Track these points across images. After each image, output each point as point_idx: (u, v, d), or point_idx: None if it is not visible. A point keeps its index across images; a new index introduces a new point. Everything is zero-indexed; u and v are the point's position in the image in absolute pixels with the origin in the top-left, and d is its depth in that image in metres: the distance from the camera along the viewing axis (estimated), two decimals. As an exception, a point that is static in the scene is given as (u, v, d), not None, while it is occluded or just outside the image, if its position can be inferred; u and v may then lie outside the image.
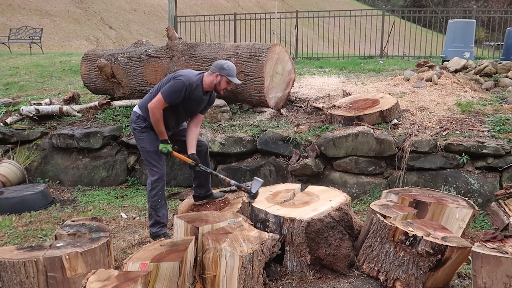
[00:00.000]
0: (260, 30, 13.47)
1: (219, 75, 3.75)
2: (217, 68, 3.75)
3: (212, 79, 3.77)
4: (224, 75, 3.74)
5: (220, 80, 3.76)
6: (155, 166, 3.80)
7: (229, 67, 3.76)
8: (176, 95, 3.66)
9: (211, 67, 3.79)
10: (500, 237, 2.89)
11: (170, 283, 2.83)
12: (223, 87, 3.81)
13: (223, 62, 3.79)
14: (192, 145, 3.95)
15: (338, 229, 3.34)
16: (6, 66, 10.61)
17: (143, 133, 3.82)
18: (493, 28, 14.60)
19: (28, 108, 6.41)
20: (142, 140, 3.83)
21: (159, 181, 3.80)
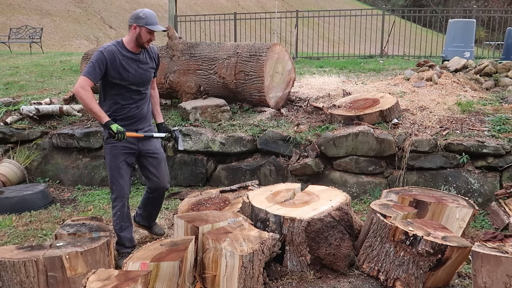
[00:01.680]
0: (260, 29, 13.47)
1: (137, 27, 3.31)
2: (133, 19, 3.33)
3: (132, 33, 3.34)
4: (142, 25, 3.30)
5: (139, 31, 3.31)
6: (113, 183, 3.48)
7: (146, 14, 3.32)
8: (96, 65, 3.24)
9: (128, 21, 3.41)
10: (500, 237, 2.89)
11: (170, 283, 2.83)
12: (146, 39, 3.35)
13: (138, 11, 3.36)
14: (157, 112, 3.75)
15: (338, 229, 3.34)
16: (6, 66, 10.61)
17: (107, 145, 3.47)
18: (493, 28, 14.60)
19: (28, 107, 6.40)
20: (105, 153, 3.51)
21: (118, 201, 3.49)
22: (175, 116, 6.15)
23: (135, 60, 3.41)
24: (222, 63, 5.94)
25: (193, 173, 5.63)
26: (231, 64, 5.87)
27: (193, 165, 5.63)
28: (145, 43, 3.37)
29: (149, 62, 3.51)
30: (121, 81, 3.36)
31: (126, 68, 3.36)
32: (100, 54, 3.26)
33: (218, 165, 5.65)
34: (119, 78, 3.34)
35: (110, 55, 3.29)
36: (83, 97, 3.21)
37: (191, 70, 6.17)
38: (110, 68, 3.30)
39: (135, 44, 3.37)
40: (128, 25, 3.37)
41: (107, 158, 3.47)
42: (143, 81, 3.49)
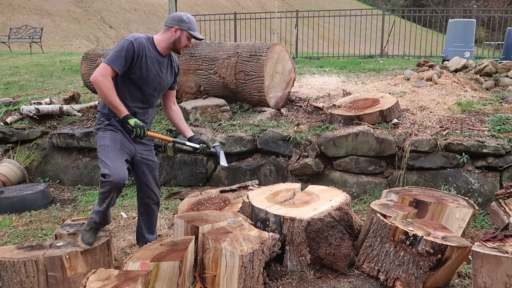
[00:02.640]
0: (260, 29, 13.46)
1: (178, 30, 3.07)
2: (175, 21, 3.08)
3: (170, 35, 3.09)
4: (185, 29, 3.08)
5: (180, 35, 3.08)
6: (106, 163, 2.97)
7: (190, 19, 3.11)
8: (122, 54, 2.94)
9: (167, 22, 3.13)
10: (500, 237, 2.88)
11: (170, 283, 2.83)
12: (184, 44, 3.13)
13: (181, 14, 3.12)
14: (185, 126, 3.46)
15: (338, 229, 3.34)
16: (6, 66, 10.61)
17: (106, 132, 3.09)
18: (493, 28, 14.60)
19: (28, 107, 6.40)
20: (103, 139, 3.07)
21: (105, 184, 2.95)
22: (175, 116, 6.14)
23: (159, 62, 3.16)
24: (222, 63, 5.94)
25: (193, 173, 5.63)
26: (231, 64, 5.87)
27: (193, 165, 5.63)
28: (182, 49, 3.16)
29: (170, 70, 3.29)
30: (139, 79, 3.09)
31: (149, 67, 3.10)
32: (130, 44, 2.96)
33: (218, 165, 5.65)
34: (138, 75, 3.08)
35: (139, 48, 3.01)
36: (102, 86, 2.91)
37: (191, 70, 6.17)
38: (135, 62, 3.02)
39: (168, 47, 3.14)
40: (166, 26, 3.10)
41: (103, 141, 3.04)
42: (160, 87, 3.24)
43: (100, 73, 2.91)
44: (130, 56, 2.98)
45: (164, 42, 3.11)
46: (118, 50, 2.94)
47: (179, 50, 3.15)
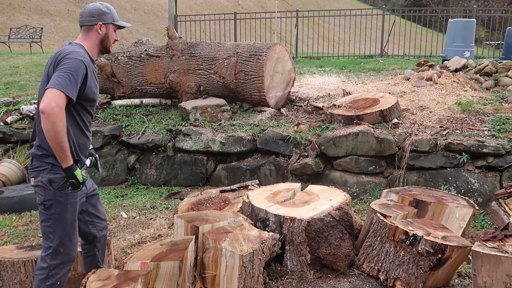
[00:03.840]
0: (260, 29, 13.46)
1: (103, 25, 2.53)
2: (96, 16, 2.50)
3: (95, 35, 2.53)
4: (110, 22, 2.55)
5: (106, 31, 2.55)
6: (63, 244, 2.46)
7: (109, 8, 2.58)
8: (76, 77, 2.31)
9: (85, 19, 2.51)
10: (500, 237, 2.88)
11: (170, 283, 2.83)
12: (113, 40, 2.61)
13: (98, 5, 2.55)
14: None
15: (338, 229, 3.34)
16: (6, 66, 10.61)
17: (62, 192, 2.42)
18: (493, 28, 14.59)
19: (28, 107, 6.40)
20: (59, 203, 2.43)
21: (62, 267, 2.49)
22: (175, 116, 6.15)
23: (95, 72, 2.60)
24: (222, 63, 5.94)
25: (193, 173, 5.63)
26: (231, 64, 5.87)
27: (193, 165, 5.63)
28: (111, 46, 2.63)
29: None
30: (90, 101, 2.53)
31: (95, 84, 2.56)
32: (80, 64, 2.35)
33: (218, 165, 5.65)
34: (90, 96, 2.50)
35: (88, 66, 2.42)
36: (58, 121, 2.22)
37: (191, 70, 6.17)
38: (86, 84, 2.42)
39: (98, 50, 2.58)
40: (86, 25, 2.52)
41: (60, 209, 2.42)
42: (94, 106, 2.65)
43: (57, 102, 2.21)
44: (83, 79, 2.37)
45: (94, 47, 2.55)
46: (72, 73, 2.29)
47: (108, 48, 2.62)
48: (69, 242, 2.49)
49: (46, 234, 2.45)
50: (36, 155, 2.41)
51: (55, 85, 2.24)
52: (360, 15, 12.57)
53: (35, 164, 2.43)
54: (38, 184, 2.42)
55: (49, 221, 2.44)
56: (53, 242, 2.45)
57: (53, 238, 2.44)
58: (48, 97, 2.22)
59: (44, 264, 2.45)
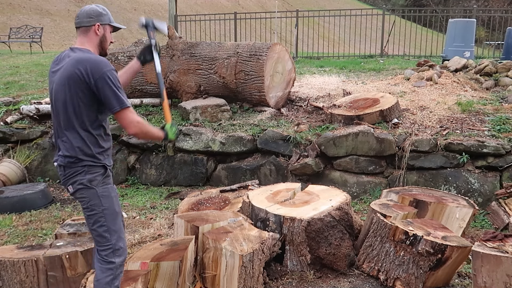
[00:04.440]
0: (260, 29, 13.46)
1: (100, 26, 2.51)
2: (94, 17, 2.49)
3: (93, 36, 2.50)
4: (107, 23, 2.56)
5: (104, 32, 2.54)
6: (121, 239, 2.46)
7: (105, 9, 2.61)
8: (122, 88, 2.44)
9: (83, 20, 2.49)
10: (500, 237, 2.89)
11: (170, 282, 2.83)
12: (109, 41, 2.60)
13: (95, 6, 2.56)
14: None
15: (338, 229, 3.34)
16: (6, 65, 10.61)
17: (106, 186, 2.44)
18: (493, 28, 14.59)
19: (28, 107, 6.40)
20: (106, 198, 2.42)
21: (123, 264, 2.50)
22: (175, 116, 6.15)
23: None
24: (222, 63, 5.94)
25: (193, 173, 5.63)
26: (231, 64, 5.87)
27: (193, 165, 5.63)
28: (108, 48, 2.62)
29: None
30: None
31: None
32: (115, 73, 2.42)
33: (218, 165, 5.65)
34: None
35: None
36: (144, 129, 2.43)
37: (191, 69, 6.17)
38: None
39: (98, 52, 2.54)
40: (84, 26, 2.49)
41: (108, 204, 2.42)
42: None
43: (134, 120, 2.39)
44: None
45: (95, 49, 2.52)
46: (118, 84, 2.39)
47: (106, 50, 2.61)
48: (124, 236, 2.50)
49: (101, 235, 2.40)
50: (67, 163, 2.40)
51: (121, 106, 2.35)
52: (360, 15, 12.57)
53: (69, 172, 2.40)
54: (79, 187, 2.39)
55: (101, 219, 2.40)
56: (111, 240, 2.40)
57: (110, 237, 2.40)
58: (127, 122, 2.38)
59: (109, 265, 2.39)
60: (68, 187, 2.43)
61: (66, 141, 2.39)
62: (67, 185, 2.43)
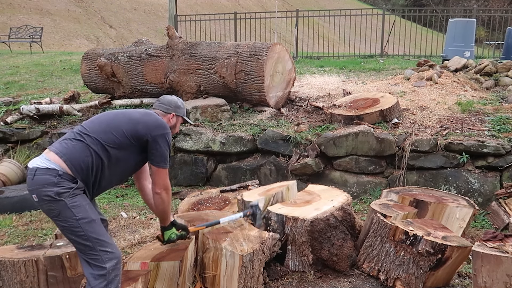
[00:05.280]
0: (260, 29, 13.46)
1: (175, 116, 2.85)
2: (172, 107, 2.84)
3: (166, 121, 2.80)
4: (181, 115, 2.90)
5: (176, 122, 2.88)
6: (107, 244, 2.44)
7: (183, 104, 2.96)
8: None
9: (162, 106, 2.84)
10: (500, 237, 2.88)
11: (170, 282, 2.83)
12: (177, 131, 2.98)
13: (176, 99, 2.91)
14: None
15: (340, 229, 3.33)
16: (6, 65, 10.61)
17: (75, 197, 2.39)
18: (493, 27, 14.58)
19: (28, 107, 6.40)
20: (77, 208, 2.38)
21: (118, 266, 2.46)
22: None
23: None
24: (222, 63, 5.94)
25: (193, 173, 5.63)
26: (231, 64, 5.87)
27: (193, 165, 5.63)
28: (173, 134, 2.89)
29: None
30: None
31: None
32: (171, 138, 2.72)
33: (218, 165, 5.65)
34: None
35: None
36: (167, 200, 2.70)
37: (191, 69, 6.17)
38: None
39: None
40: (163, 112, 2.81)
41: (82, 213, 2.38)
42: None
43: (165, 185, 2.64)
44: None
45: None
46: (168, 147, 2.66)
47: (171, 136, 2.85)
48: (109, 240, 2.48)
49: (83, 244, 2.39)
50: (45, 170, 2.43)
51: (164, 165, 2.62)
52: (360, 15, 12.56)
53: (39, 178, 2.39)
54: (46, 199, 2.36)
55: (78, 229, 2.38)
56: (95, 248, 2.39)
57: (92, 245, 2.39)
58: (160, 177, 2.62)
59: (101, 271, 2.38)
60: (32, 195, 2.40)
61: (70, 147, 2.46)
62: (31, 193, 2.40)
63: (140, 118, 2.62)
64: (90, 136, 2.49)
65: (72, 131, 2.56)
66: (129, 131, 2.54)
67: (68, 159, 2.42)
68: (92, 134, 2.50)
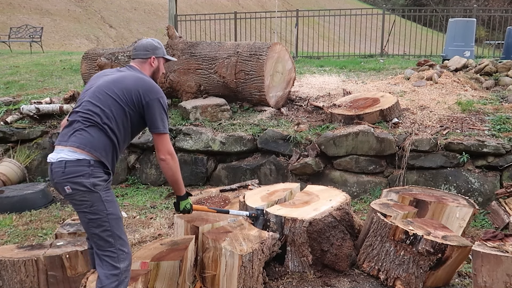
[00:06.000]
0: (260, 29, 13.46)
1: (155, 58, 2.76)
2: (149, 50, 2.73)
3: (148, 68, 2.76)
4: (161, 56, 2.80)
5: (158, 64, 2.80)
6: (125, 244, 2.45)
7: (160, 43, 2.84)
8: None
9: (139, 53, 2.74)
10: (500, 236, 2.88)
11: (170, 282, 2.83)
12: (162, 72, 2.87)
13: (151, 40, 2.80)
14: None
15: (339, 229, 3.33)
16: (6, 65, 10.61)
17: (108, 191, 2.43)
18: (493, 27, 14.58)
19: (28, 107, 6.40)
20: (109, 203, 2.40)
21: (129, 268, 2.47)
22: (175, 116, 6.15)
23: None
24: (222, 63, 5.94)
25: (193, 172, 5.63)
26: (231, 64, 5.87)
27: (193, 165, 5.63)
28: (159, 78, 2.85)
29: None
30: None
31: None
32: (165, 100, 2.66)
33: (218, 164, 5.65)
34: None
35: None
36: (174, 166, 2.67)
37: (191, 69, 6.17)
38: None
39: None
40: (141, 58, 2.74)
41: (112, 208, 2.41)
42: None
43: (169, 150, 2.61)
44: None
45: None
46: (165, 111, 2.61)
47: (157, 80, 2.83)
48: (127, 240, 2.47)
49: (105, 240, 2.37)
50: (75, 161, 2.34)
51: (164, 130, 2.58)
52: (360, 15, 12.56)
53: (71, 170, 2.33)
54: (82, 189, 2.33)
55: (105, 224, 2.36)
56: (115, 245, 2.39)
57: (113, 242, 2.38)
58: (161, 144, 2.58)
59: (114, 271, 2.36)
60: (65, 187, 2.34)
61: (87, 136, 2.38)
62: (63, 185, 2.34)
63: (133, 86, 2.53)
64: (97, 117, 2.42)
65: (77, 118, 2.45)
66: (125, 102, 2.49)
67: (92, 148, 2.37)
68: (98, 115, 2.43)
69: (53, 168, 2.36)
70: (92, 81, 2.62)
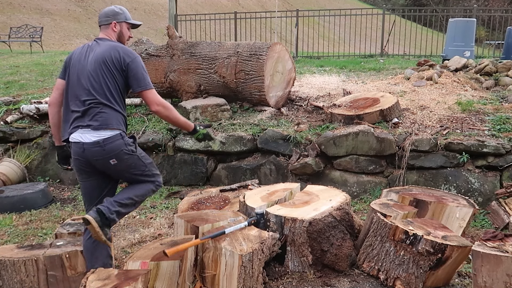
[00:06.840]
0: (260, 29, 13.46)
1: (117, 24, 2.95)
2: (110, 16, 2.94)
3: (112, 33, 2.96)
4: (123, 20, 2.98)
5: (120, 28, 2.98)
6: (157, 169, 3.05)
7: (122, 9, 3.01)
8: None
9: (102, 20, 2.96)
10: (500, 236, 2.88)
11: (170, 282, 2.83)
12: (127, 36, 3.04)
13: (112, 7, 3.00)
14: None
15: (339, 229, 3.33)
16: (6, 65, 10.61)
17: (138, 149, 2.95)
18: (493, 27, 14.59)
19: (28, 106, 6.40)
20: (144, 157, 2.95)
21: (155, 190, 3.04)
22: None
23: None
24: (223, 62, 5.94)
25: (193, 172, 5.63)
26: (232, 63, 5.87)
27: (193, 164, 5.63)
28: (125, 42, 3.04)
29: None
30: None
31: None
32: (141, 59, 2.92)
33: (218, 164, 5.65)
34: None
35: None
36: (169, 112, 2.89)
37: (191, 69, 6.17)
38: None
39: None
40: (104, 25, 2.95)
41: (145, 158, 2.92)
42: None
43: (158, 100, 2.83)
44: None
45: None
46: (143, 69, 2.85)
47: (124, 44, 3.05)
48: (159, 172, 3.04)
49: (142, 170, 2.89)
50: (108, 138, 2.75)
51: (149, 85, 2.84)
52: (360, 15, 12.57)
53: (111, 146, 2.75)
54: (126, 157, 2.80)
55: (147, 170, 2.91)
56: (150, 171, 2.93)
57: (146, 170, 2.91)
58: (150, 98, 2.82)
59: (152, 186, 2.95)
60: (110, 161, 2.76)
61: (103, 116, 2.76)
62: (107, 159, 2.75)
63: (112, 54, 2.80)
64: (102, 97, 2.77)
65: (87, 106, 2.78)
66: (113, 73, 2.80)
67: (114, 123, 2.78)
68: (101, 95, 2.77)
69: (89, 148, 2.73)
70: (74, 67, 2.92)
